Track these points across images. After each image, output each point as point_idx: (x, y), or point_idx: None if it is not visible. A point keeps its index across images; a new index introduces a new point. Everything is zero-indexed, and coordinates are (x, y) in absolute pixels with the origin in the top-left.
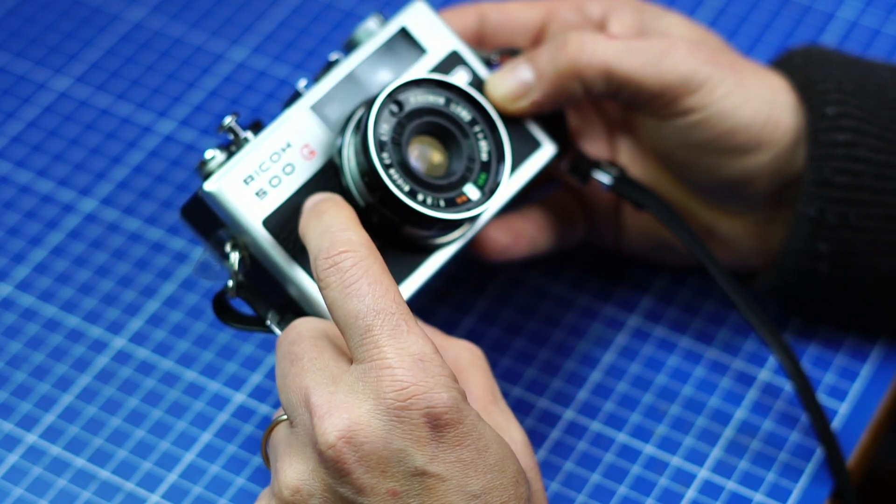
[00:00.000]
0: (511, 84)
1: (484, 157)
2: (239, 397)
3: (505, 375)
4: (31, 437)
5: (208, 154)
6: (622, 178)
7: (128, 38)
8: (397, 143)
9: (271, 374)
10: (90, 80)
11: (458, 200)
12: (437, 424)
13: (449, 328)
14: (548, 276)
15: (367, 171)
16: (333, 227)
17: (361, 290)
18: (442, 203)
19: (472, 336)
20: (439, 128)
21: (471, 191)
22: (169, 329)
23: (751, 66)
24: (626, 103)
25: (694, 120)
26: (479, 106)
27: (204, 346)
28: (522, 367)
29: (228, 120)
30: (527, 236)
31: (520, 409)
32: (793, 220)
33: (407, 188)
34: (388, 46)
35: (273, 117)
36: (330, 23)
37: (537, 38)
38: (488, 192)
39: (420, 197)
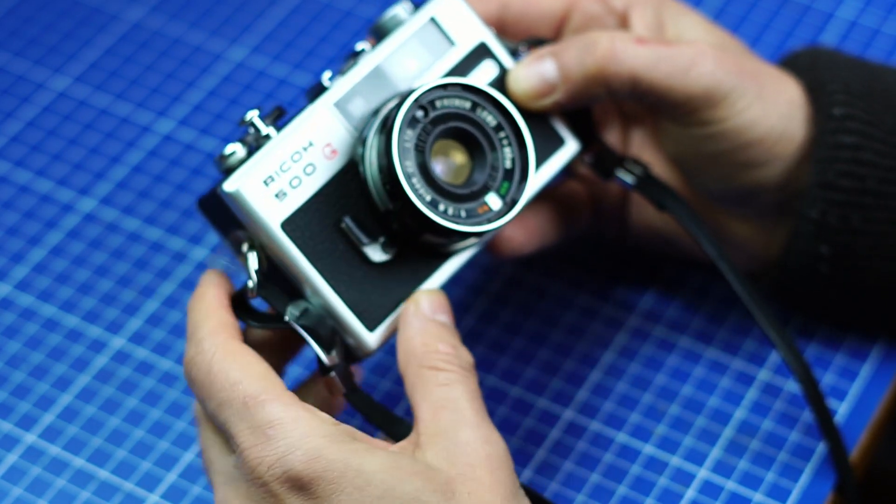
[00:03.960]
0: (534, 81)
1: (507, 164)
2: None
3: (504, 375)
4: (30, 437)
5: (228, 149)
6: (646, 177)
7: (127, 37)
8: (421, 150)
9: None
10: (89, 80)
11: (480, 210)
12: (302, 484)
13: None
14: (547, 275)
15: (389, 180)
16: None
17: (203, 390)
18: (463, 213)
19: (471, 336)
20: (464, 133)
21: (492, 200)
22: (168, 329)
23: (771, 74)
24: (648, 107)
25: (711, 131)
26: (506, 111)
27: None
28: (522, 366)
29: (251, 115)
30: (539, 231)
31: (519, 408)
32: (796, 221)
33: (428, 198)
34: (416, 36)
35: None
36: (329, 22)
37: (559, 27)
38: (510, 202)
39: (441, 207)
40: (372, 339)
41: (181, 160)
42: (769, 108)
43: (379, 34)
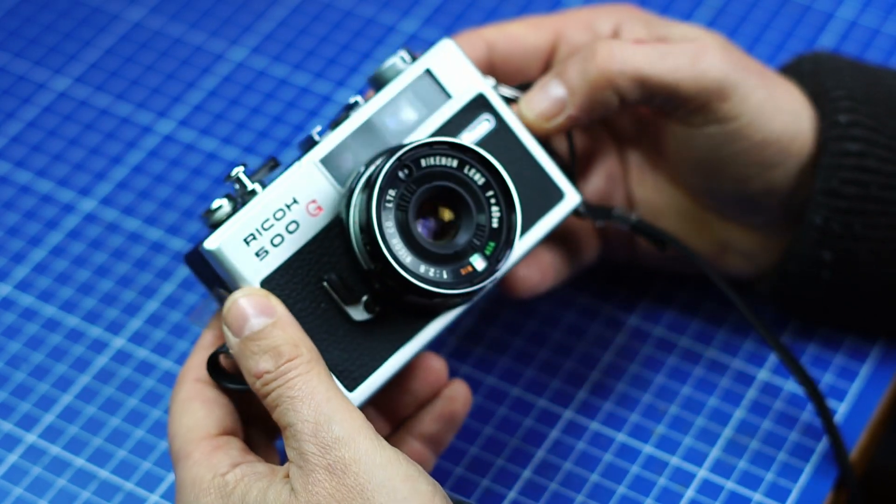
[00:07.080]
0: (544, 103)
1: (494, 224)
2: None
3: (504, 375)
4: (30, 437)
5: (215, 204)
6: (639, 223)
7: (127, 37)
8: (403, 210)
9: None
10: (89, 80)
11: (463, 272)
12: None
13: (448, 328)
14: None
15: (369, 241)
16: None
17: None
18: (445, 275)
19: (471, 336)
20: (450, 192)
21: (477, 262)
22: (168, 329)
23: (775, 75)
24: (660, 108)
25: (728, 129)
26: (494, 170)
27: None
28: (522, 366)
29: (236, 171)
30: (552, 269)
31: (519, 408)
32: (798, 228)
33: (408, 260)
34: (410, 89)
35: (275, 118)
36: (329, 22)
37: (547, 61)
38: (494, 262)
39: (422, 269)
40: (352, 399)
41: (181, 160)
42: (782, 105)
43: (377, 84)
